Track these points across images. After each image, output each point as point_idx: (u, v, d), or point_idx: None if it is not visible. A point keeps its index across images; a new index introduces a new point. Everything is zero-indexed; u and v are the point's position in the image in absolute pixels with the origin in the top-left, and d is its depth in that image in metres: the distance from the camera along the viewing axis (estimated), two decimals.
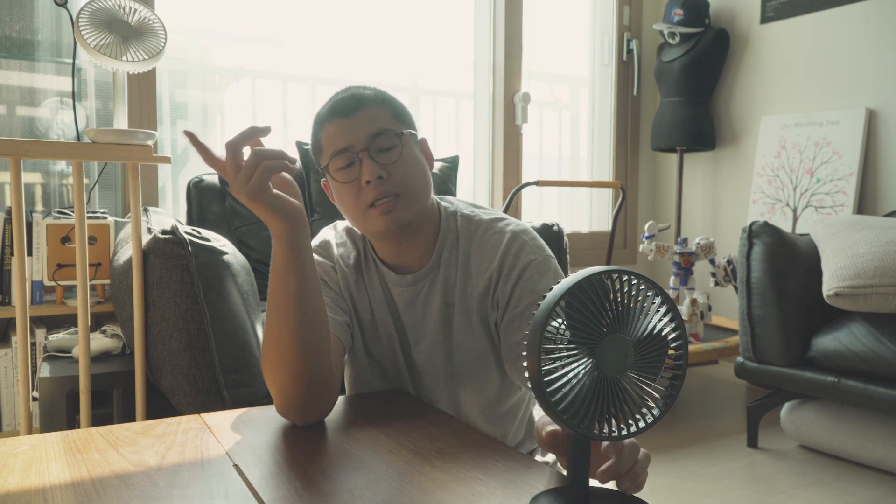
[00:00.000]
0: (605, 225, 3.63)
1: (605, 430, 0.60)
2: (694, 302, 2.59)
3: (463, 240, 1.08)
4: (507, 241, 1.04)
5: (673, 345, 0.61)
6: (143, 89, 2.35)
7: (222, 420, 0.90)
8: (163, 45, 1.61)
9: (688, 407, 2.86)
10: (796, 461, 2.23)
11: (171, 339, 1.50)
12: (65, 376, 1.59)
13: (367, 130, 0.99)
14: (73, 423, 1.59)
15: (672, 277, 2.62)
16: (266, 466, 0.74)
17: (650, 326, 0.61)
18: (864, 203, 2.81)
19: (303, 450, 0.80)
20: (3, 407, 2.01)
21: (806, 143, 2.96)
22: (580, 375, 0.59)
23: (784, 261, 2.25)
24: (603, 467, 0.65)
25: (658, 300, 0.61)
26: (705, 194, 3.45)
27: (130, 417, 1.62)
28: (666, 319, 0.61)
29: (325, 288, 1.06)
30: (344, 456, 0.77)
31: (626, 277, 0.60)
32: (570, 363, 0.59)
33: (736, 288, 2.41)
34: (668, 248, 2.59)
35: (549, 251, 1.06)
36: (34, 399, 1.80)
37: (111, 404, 1.64)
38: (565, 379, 0.59)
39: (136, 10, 1.59)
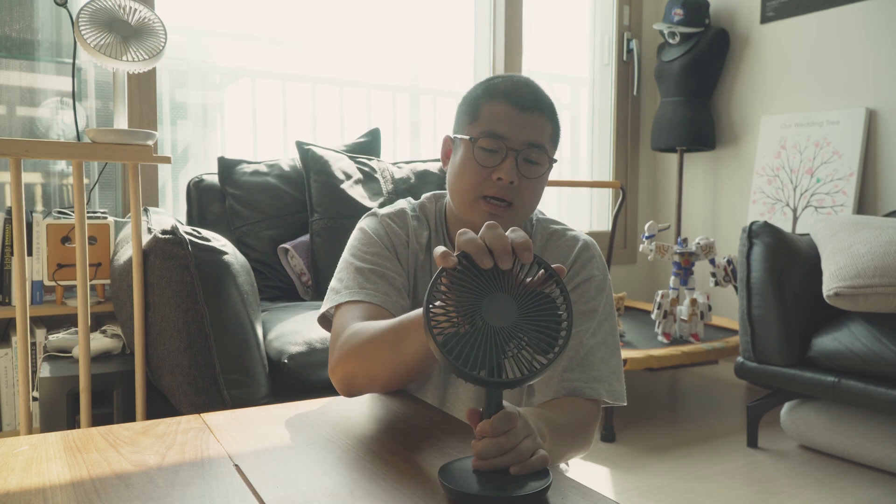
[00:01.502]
0: (605, 225, 3.63)
1: (499, 377, 0.65)
2: (694, 302, 2.59)
3: (538, 241, 1.12)
4: (580, 247, 1.09)
5: (561, 304, 0.67)
6: (143, 89, 2.35)
7: (222, 420, 0.90)
8: (163, 45, 1.61)
9: (688, 407, 2.85)
10: (796, 461, 2.23)
11: (171, 339, 1.50)
12: (65, 376, 1.60)
13: (530, 137, 1.02)
14: (73, 423, 1.59)
15: (672, 277, 2.62)
16: (266, 466, 0.74)
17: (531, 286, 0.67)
18: (864, 203, 2.81)
19: (303, 449, 0.80)
20: (3, 407, 2.01)
21: (806, 143, 2.96)
22: (466, 327, 0.65)
23: (784, 261, 2.25)
24: (474, 442, 0.68)
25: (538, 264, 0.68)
26: (705, 194, 3.45)
27: (130, 417, 1.62)
28: (551, 281, 0.67)
29: (394, 263, 1.06)
30: (344, 455, 0.77)
31: None
32: (456, 317, 0.66)
33: (736, 288, 2.41)
34: (668, 248, 2.59)
35: (608, 272, 1.11)
36: (34, 399, 1.80)
37: (111, 404, 1.64)
38: (453, 330, 0.65)
39: (136, 9, 1.59)
